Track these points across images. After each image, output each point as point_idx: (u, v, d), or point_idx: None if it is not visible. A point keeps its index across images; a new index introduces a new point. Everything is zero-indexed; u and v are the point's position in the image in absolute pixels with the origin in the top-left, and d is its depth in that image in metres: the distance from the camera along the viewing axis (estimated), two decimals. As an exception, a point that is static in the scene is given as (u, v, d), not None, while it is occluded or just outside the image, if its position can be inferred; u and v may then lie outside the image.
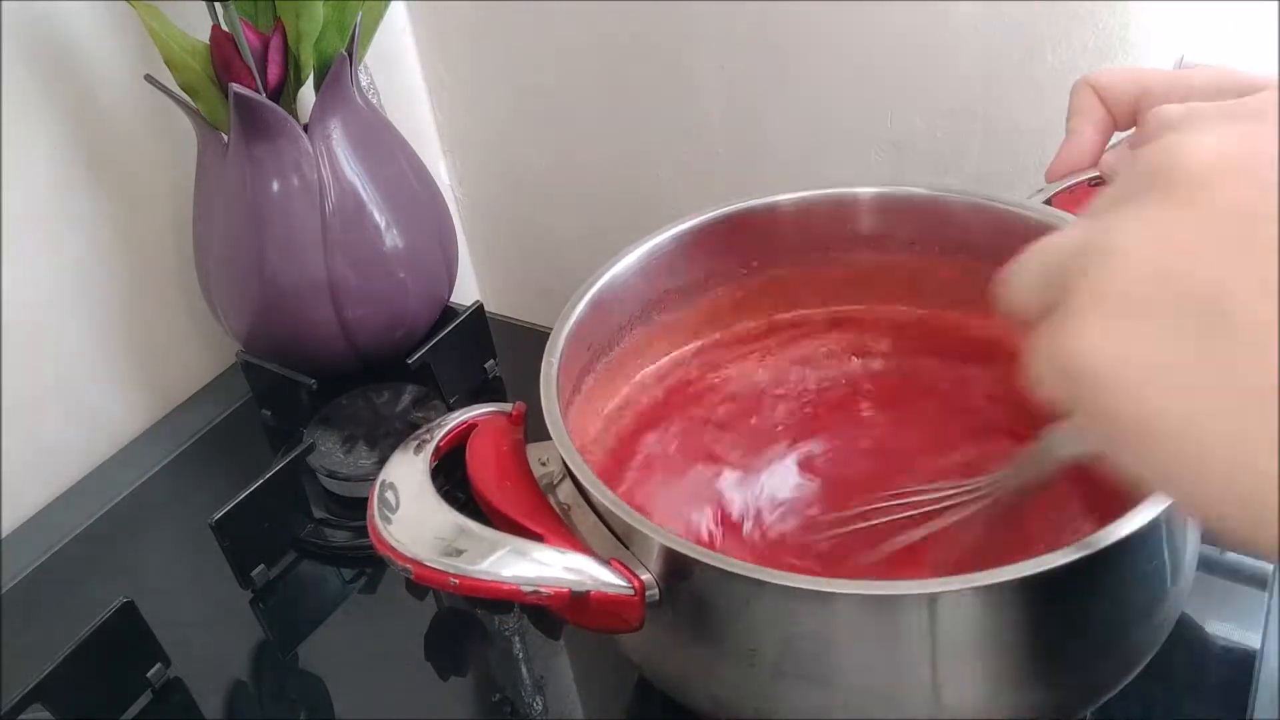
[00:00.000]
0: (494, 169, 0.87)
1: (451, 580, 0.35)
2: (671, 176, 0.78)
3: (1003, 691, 0.34)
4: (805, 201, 0.50)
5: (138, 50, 0.61)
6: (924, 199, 0.48)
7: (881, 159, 0.69)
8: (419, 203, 0.64)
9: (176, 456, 0.65)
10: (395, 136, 0.64)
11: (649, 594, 0.36)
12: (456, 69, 0.82)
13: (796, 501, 0.47)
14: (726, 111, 0.73)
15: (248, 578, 0.54)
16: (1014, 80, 0.62)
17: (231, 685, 0.51)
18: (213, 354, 0.72)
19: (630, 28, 0.72)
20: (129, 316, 0.66)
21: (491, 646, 0.51)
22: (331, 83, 0.58)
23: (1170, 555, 0.36)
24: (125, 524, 0.61)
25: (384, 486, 0.39)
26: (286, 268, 0.59)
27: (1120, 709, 0.42)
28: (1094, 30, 0.58)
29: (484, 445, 0.42)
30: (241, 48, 0.55)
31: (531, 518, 0.38)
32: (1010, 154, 0.65)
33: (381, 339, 0.64)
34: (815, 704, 0.35)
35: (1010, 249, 0.49)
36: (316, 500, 0.59)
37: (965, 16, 0.61)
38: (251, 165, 0.58)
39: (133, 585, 0.51)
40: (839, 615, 0.33)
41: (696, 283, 0.50)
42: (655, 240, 0.48)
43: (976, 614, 0.33)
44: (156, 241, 0.67)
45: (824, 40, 0.66)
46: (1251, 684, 0.44)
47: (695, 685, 0.39)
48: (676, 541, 0.34)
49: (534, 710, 0.47)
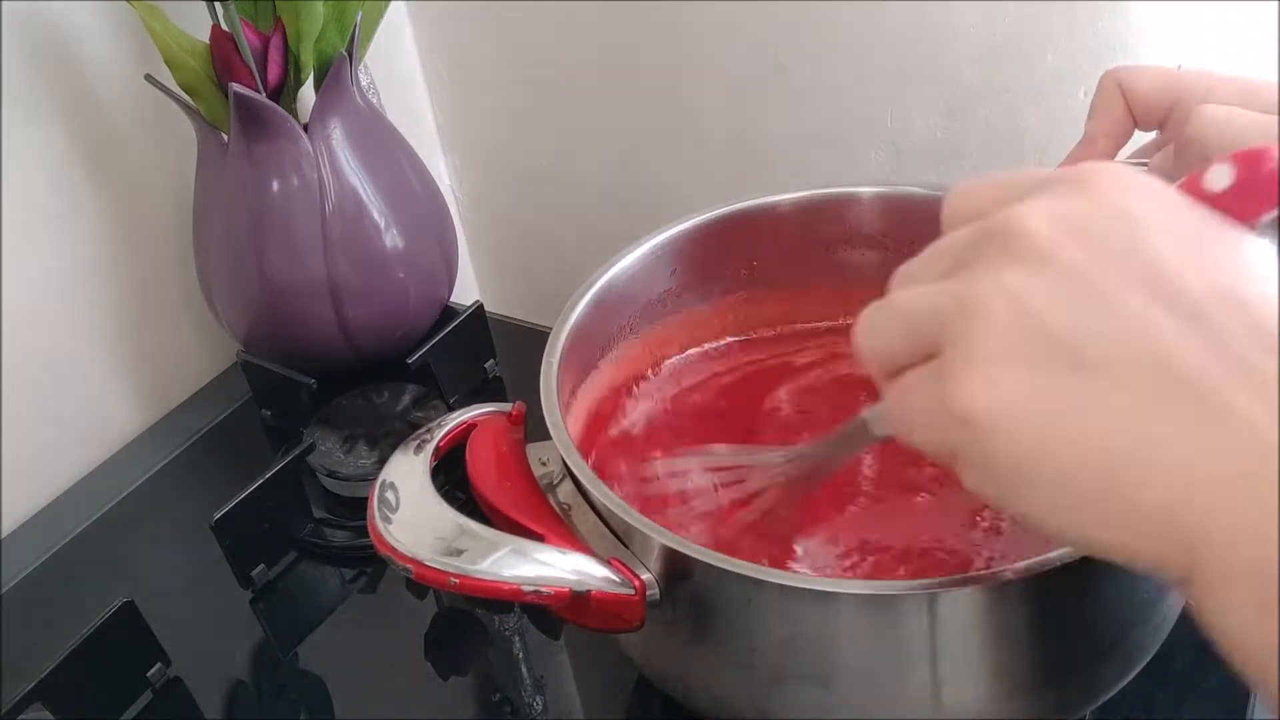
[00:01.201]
0: (494, 169, 0.87)
1: (452, 580, 0.35)
2: (671, 176, 0.78)
3: (1002, 691, 0.34)
4: (805, 201, 0.50)
5: (138, 50, 0.61)
6: (924, 199, 0.48)
7: (881, 159, 0.69)
8: (419, 203, 0.64)
9: (176, 456, 0.65)
10: (395, 136, 0.64)
11: (649, 594, 0.36)
12: (456, 69, 0.82)
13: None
14: (726, 111, 0.73)
15: (248, 578, 0.54)
16: (1014, 80, 0.62)
17: (231, 685, 0.51)
18: (213, 354, 0.71)
19: (630, 27, 0.72)
20: (129, 316, 0.66)
21: (491, 646, 0.51)
22: (331, 83, 0.58)
23: (1170, 555, 0.36)
24: (125, 524, 0.60)
25: (384, 486, 0.39)
26: (286, 268, 0.59)
27: (1120, 709, 0.42)
28: (1094, 30, 0.58)
29: (484, 445, 0.42)
30: (241, 48, 0.55)
31: (532, 517, 0.38)
32: (1010, 154, 0.65)
33: (381, 339, 0.64)
34: (815, 703, 0.35)
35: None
36: (316, 500, 0.59)
37: (965, 16, 0.61)
38: (251, 165, 0.58)
39: (133, 585, 0.50)
40: (839, 614, 0.33)
41: (696, 283, 0.50)
42: (655, 240, 0.48)
43: (976, 613, 0.33)
44: (156, 241, 0.67)
45: (824, 40, 0.66)
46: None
47: (695, 685, 0.39)
48: (677, 541, 0.34)
49: (534, 710, 0.47)
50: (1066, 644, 0.35)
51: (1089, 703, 0.38)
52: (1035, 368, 0.24)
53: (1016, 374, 0.24)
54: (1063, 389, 0.24)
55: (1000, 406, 0.24)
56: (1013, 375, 0.24)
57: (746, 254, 0.51)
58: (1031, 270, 0.24)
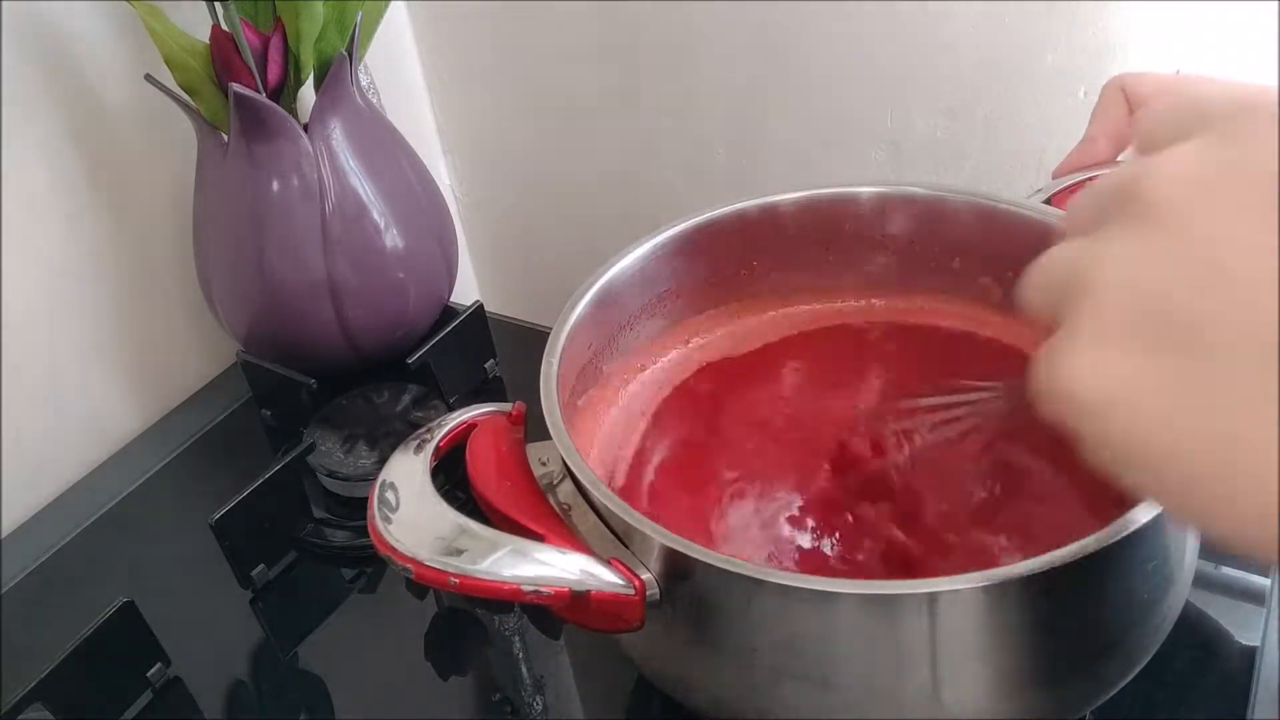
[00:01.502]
0: (494, 169, 0.87)
1: (452, 580, 0.35)
2: (672, 176, 0.78)
3: (1002, 691, 0.34)
4: (805, 201, 0.50)
5: (138, 50, 0.61)
6: (924, 199, 0.48)
7: (881, 159, 0.69)
8: (419, 203, 0.64)
9: (176, 456, 0.65)
10: (395, 136, 0.64)
11: (649, 594, 0.36)
12: (456, 69, 0.82)
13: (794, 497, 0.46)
14: (726, 111, 0.73)
15: (248, 578, 0.54)
16: (1014, 80, 0.62)
17: (231, 685, 0.51)
18: (213, 354, 0.72)
19: (631, 27, 0.72)
20: (129, 316, 0.66)
21: (491, 646, 0.51)
22: (331, 83, 0.58)
23: (1170, 555, 0.36)
24: (125, 524, 0.60)
25: (384, 486, 0.39)
26: (286, 268, 0.59)
27: (1120, 709, 0.42)
28: (1094, 30, 0.58)
29: (484, 445, 0.42)
30: (241, 48, 0.55)
31: (532, 517, 0.38)
32: (1010, 154, 0.65)
33: (381, 339, 0.64)
34: (816, 704, 0.35)
35: (1009, 248, 0.49)
36: (316, 500, 0.59)
37: (965, 16, 0.61)
38: (251, 165, 0.58)
39: (133, 585, 0.50)
40: (839, 615, 0.33)
41: (697, 283, 0.50)
42: (655, 240, 0.48)
43: (976, 613, 0.33)
44: (156, 241, 0.67)
45: (824, 40, 0.66)
46: (1251, 684, 0.44)
47: (695, 685, 0.39)
48: (677, 541, 0.34)
49: (534, 710, 0.47)
50: (1066, 644, 0.35)
51: (1089, 703, 0.38)
52: (1147, 352, 0.22)
53: (1126, 358, 0.23)
54: (1178, 375, 0.22)
55: (1107, 391, 0.23)
56: (1122, 359, 0.23)
57: (747, 254, 0.51)
58: (1153, 242, 0.23)
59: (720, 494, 0.46)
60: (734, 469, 0.47)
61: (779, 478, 0.47)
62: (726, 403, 0.50)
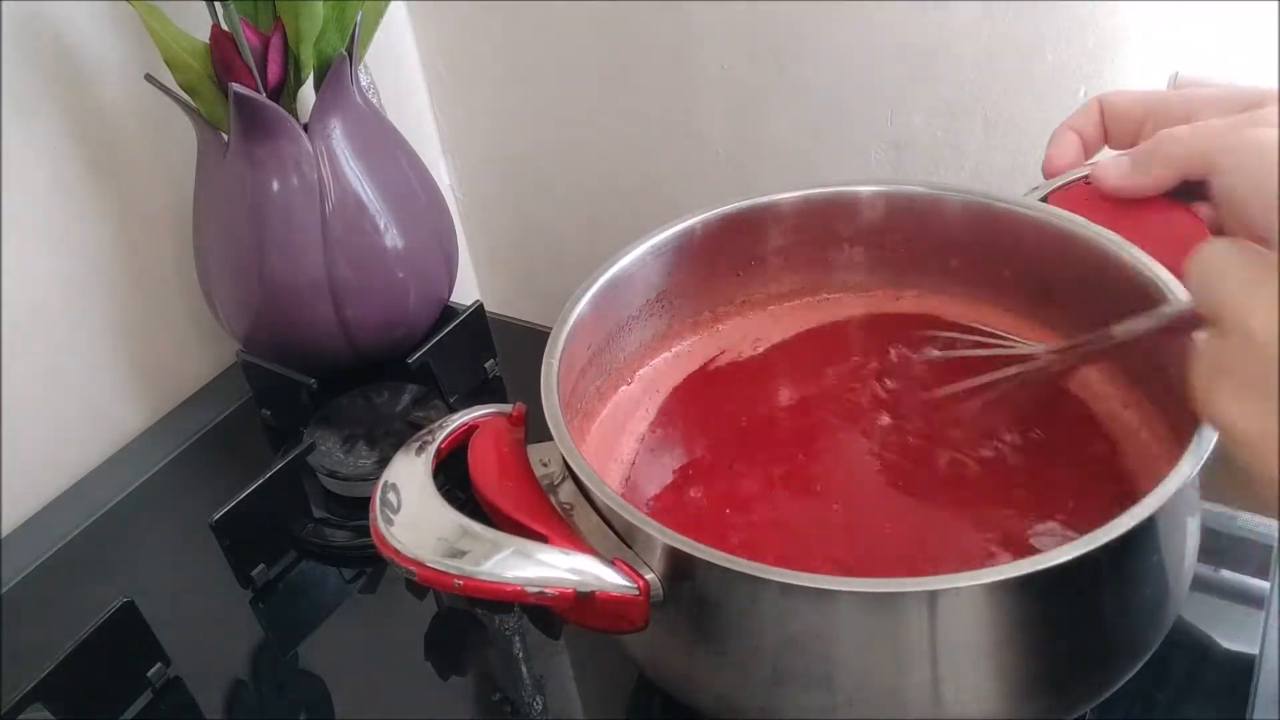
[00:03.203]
0: (494, 169, 0.87)
1: (456, 582, 0.35)
2: (672, 176, 0.78)
3: (1002, 690, 0.35)
4: (805, 201, 0.50)
5: (138, 50, 0.61)
6: (924, 198, 0.49)
7: (881, 159, 0.69)
8: (419, 203, 0.64)
9: (176, 456, 0.65)
10: (395, 136, 0.64)
11: (653, 594, 0.36)
12: (456, 68, 0.82)
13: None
14: (726, 111, 0.73)
15: (248, 578, 0.54)
16: (1014, 80, 0.62)
17: (231, 685, 0.51)
18: (213, 354, 0.71)
19: (630, 28, 0.72)
20: (129, 316, 0.66)
21: (491, 646, 0.51)
22: (331, 82, 0.58)
23: (1169, 554, 0.36)
24: (125, 524, 0.60)
25: (386, 488, 0.39)
26: (286, 268, 0.59)
27: (1120, 709, 0.42)
28: (1094, 30, 0.58)
29: (485, 446, 0.42)
30: (241, 47, 0.55)
31: (534, 518, 0.38)
32: (1010, 153, 0.65)
33: (381, 339, 0.64)
34: (817, 703, 0.35)
35: (1009, 247, 0.49)
36: (316, 500, 0.59)
37: (965, 16, 0.61)
38: (251, 165, 0.58)
39: (133, 585, 0.50)
40: (840, 613, 0.33)
41: (697, 282, 0.50)
42: (655, 240, 0.48)
43: (976, 612, 0.33)
44: (156, 241, 0.67)
45: (824, 40, 0.66)
46: (1251, 684, 0.44)
47: (699, 685, 0.39)
48: (680, 541, 0.34)
49: (534, 710, 0.47)
50: (1066, 644, 0.35)
51: (1089, 703, 0.38)
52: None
53: (1260, 404, 0.25)
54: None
55: (1247, 429, 0.26)
56: (1255, 404, 0.25)
57: (747, 253, 0.51)
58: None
59: (721, 493, 0.46)
60: (735, 467, 0.47)
61: (780, 476, 0.47)
62: (728, 402, 0.50)
